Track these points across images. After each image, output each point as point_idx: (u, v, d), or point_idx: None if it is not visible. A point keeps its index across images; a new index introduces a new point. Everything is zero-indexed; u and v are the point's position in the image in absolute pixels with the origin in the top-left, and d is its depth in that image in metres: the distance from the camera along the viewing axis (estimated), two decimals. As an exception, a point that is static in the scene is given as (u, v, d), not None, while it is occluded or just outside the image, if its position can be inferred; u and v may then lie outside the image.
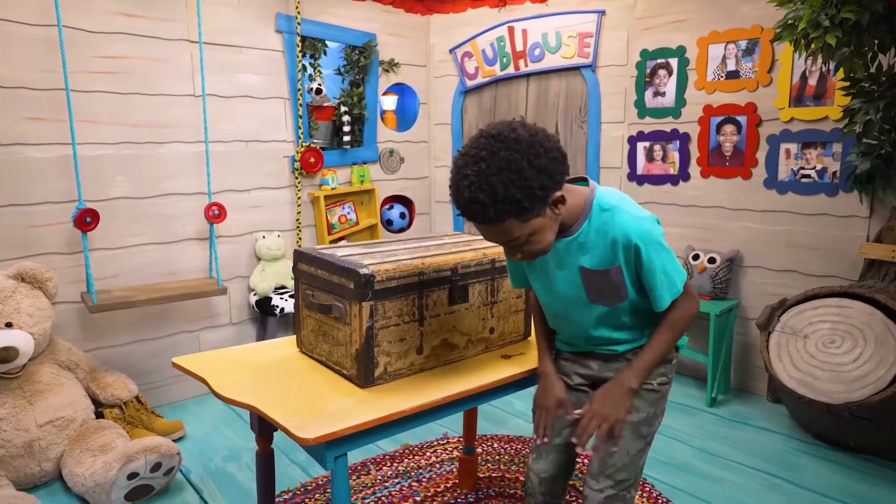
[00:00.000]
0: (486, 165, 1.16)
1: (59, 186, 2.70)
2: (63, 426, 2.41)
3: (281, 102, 3.39)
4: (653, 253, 1.32)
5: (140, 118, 2.90)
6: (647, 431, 1.46)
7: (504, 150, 1.16)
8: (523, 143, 1.17)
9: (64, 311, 2.76)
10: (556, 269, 1.43)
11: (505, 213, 1.17)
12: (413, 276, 1.55)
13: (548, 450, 1.53)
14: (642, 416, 1.45)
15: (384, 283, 1.49)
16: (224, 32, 3.13)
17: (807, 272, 3.00)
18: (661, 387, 1.48)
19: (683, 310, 1.40)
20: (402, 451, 2.64)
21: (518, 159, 1.15)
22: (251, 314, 3.40)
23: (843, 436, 2.57)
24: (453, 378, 1.57)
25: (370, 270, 1.46)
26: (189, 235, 3.11)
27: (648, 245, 1.31)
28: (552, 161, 1.19)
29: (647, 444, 1.47)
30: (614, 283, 1.38)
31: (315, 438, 1.24)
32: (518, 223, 1.20)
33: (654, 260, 1.32)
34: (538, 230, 1.25)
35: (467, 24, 3.95)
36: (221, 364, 1.66)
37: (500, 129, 1.20)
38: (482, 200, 1.16)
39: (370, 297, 1.47)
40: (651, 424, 1.47)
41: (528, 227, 1.22)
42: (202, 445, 2.71)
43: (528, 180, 1.16)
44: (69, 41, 2.61)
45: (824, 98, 2.88)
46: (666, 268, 1.34)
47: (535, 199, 1.18)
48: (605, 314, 1.43)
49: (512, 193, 1.15)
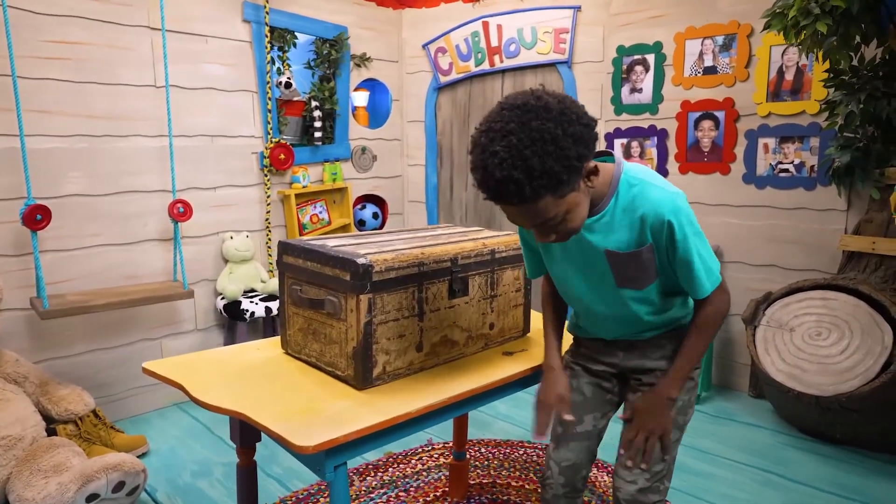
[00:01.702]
0: (517, 139, 1.04)
1: (3, 181, 2.46)
2: (9, 446, 2.17)
3: (248, 96, 3.22)
4: (688, 231, 1.21)
5: (96, 109, 2.69)
6: (683, 420, 1.40)
7: (535, 119, 1.05)
8: (553, 110, 1.06)
9: (10, 318, 2.52)
10: (579, 254, 1.32)
11: (542, 189, 1.06)
12: (413, 267, 1.43)
13: (569, 437, 1.44)
14: (678, 405, 1.38)
15: (383, 273, 1.36)
16: (187, 20, 2.94)
17: (787, 266, 3.01)
18: (694, 371, 1.40)
19: (718, 305, 1.30)
20: (386, 459, 2.50)
21: (552, 128, 1.04)
22: (218, 320, 3.20)
23: (829, 428, 2.57)
24: (456, 377, 1.46)
25: (368, 260, 1.34)
26: (151, 236, 2.89)
27: (682, 223, 1.20)
28: (585, 128, 1.09)
29: (682, 432, 1.40)
30: (645, 265, 1.26)
31: (315, 446, 1.11)
32: (554, 200, 1.10)
33: (690, 240, 1.21)
34: (574, 206, 1.15)
35: (441, 18, 3.86)
36: (198, 368, 1.50)
37: (524, 98, 1.09)
38: (517, 178, 1.04)
39: (368, 290, 1.34)
40: (686, 413, 1.40)
41: (565, 203, 1.12)
42: (168, 461, 2.50)
43: (565, 150, 1.05)
44: (16, 23, 2.40)
45: (801, 93, 2.90)
46: (701, 252, 1.23)
47: (572, 171, 1.08)
48: (633, 299, 1.33)
49: (550, 166, 1.05)
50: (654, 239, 1.24)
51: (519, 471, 2.41)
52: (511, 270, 1.71)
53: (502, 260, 1.67)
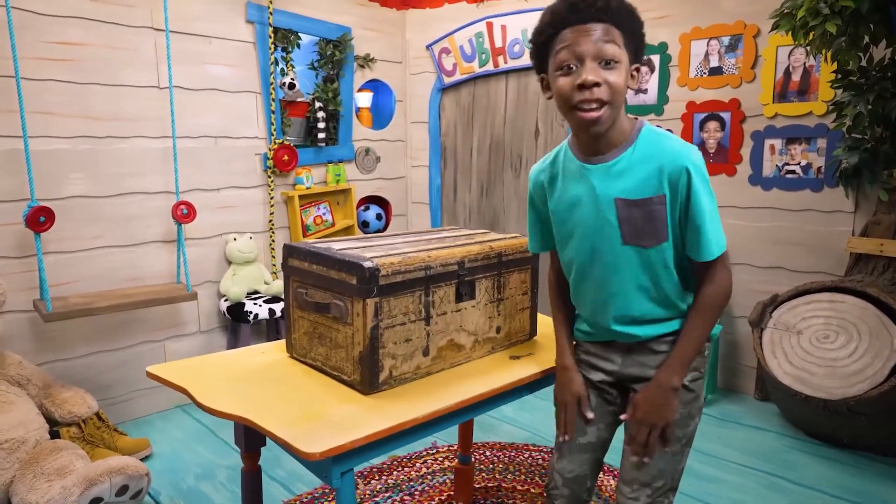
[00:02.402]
0: None
1: (6, 183, 2.45)
2: (13, 449, 2.16)
3: (252, 97, 3.21)
4: (703, 187, 1.17)
5: (99, 111, 2.68)
6: (682, 434, 1.34)
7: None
8: None
9: (14, 320, 2.51)
10: (589, 207, 1.27)
11: (621, 18, 1.17)
12: (420, 271, 1.41)
13: (573, 448, 1.41)
14: (675, 418, 1.33)
15: (390, 277, 1.35)
16: (190, 20, 2.93)
17: (793, 268, 2.99)
18: (694, 383, 1.33)
19: (719, 284, 1.23)
20: (391, 462, 2.49)
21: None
22: (221, 322, 3.19)
23: (836, 432, 2.55)
24: (463, 382, 1.44)
25: (374, 264, 1.32)
26: (154, 237, 2.88)
27: (700, 176, 1.17)
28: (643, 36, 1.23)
29: (683, 446, 1.35)
30: (655, 216, 1.20)
31: (322, 453, 1.09)
32: (621, 40, 1.17)
33: (703, 197, 1.17)
34: (622, 67, 1.17)
35: (444, 19, 3.85)
36: (203, 372, 1.48)
37: None
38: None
39: (375, 294, 1.32)
40: (686, 426, 1.34)
41: (621, 53, 1.17)
42: (172, 464, 2.49)
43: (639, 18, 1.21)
44: (19, 24, 2.39)
45: (808, 93, 2.88)
46: (714, 212, 1.20)
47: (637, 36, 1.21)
48: (637, 265, 1.26)
49: (633, 14, 1.20)
50: (670, 189, 1.19)
51: (524, 474, 2.39)
52: (518, 273, 1.69)
53: (509, 263, 1.65)
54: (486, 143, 3.89)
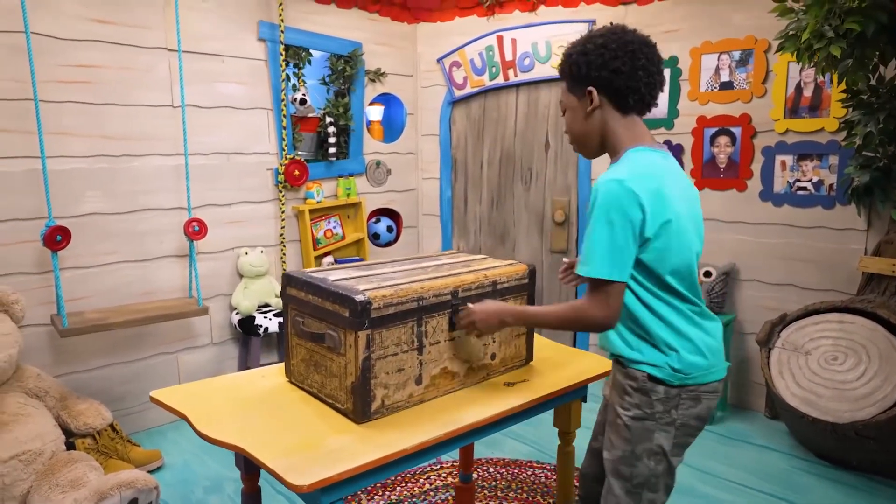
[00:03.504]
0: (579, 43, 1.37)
1: (26, 202, 2.54)
2: (30, 460, 2.23)
3: (264, 113, 3.27)
4: (600, 211, 1.25)
5: (114, 130, 2.75)
6: (629, 473, 1.34)
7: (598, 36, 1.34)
8: (609, 34, 1.32)
9: (33, 334, 2.60)
10: None
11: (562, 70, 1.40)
12: (412, 302, 1.44)
13: (591, 449, 1.59)
14: (617, 455, 1.36)
15: (381, 310, 1.38)
16: (203, 40, 3.00)
17: (804, 286, 2.95)
18: (634, 423, 1.32)
19: (584, 310, 1.29)
20: (395, 478, 2.51)
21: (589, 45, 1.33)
22: (233, 334, 3.26)
23: (845, 454, 2.51)
24: (455, 410, 1.47)
25: (366, 297, 1.35)
26: (167, 253, 2.96)
27: (599, 201, 1.25)
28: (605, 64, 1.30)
29: (634, 487, 1.33)
30: None
31: (310, 485, 1.13)
32: (564, 88, 1.41)
33: (597, 219, 1.25)
34: (569, 107, 1.40)
35: (455, 33, 3.87)
36: (204, 397, 1.53)
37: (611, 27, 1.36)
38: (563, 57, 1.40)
39: (367, 326, 1.35)
40: (632, 465, 1.33)
41: (566, 96, 1.40)
42: (182, 476, 2.56)
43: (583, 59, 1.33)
44: (37, 48, 2.47)
45: (820, 109, 2.84)
46: (592, 238, 1.25)
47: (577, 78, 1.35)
48: None
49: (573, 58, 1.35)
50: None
51: (526, 493, 2.40)
52: (514, 300, 1.71)
53: (504, 290, 1.67)
54: (497, 156, 3.90)
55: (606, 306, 1.26)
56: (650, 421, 1.32)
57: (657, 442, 1.32)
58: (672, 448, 1.33)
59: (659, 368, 1.31)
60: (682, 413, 1.32)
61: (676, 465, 1.37)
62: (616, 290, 1.26)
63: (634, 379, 1.33)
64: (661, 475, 1.34)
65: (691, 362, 1.31)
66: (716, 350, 1.36)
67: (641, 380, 1.32)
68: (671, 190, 1.29)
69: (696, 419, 1.34)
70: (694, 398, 1.32)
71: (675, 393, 1.31)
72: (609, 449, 1.38)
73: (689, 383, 1.31)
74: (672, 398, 1.31)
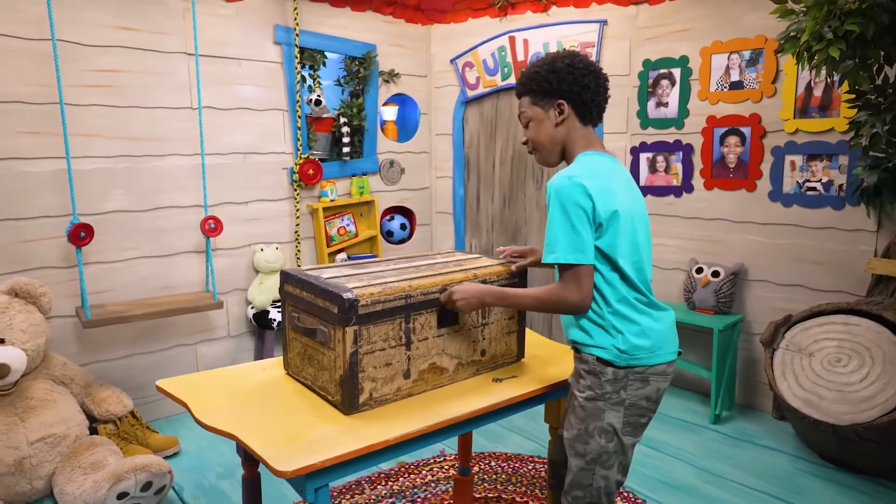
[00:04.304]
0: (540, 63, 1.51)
1: (54, 201, 2.69)
2: (55, 443, 2.38)
3: (279, 114, 3.38)
4: (553, 206, 1.38)
5: (137, 131, 2.89)
6: (584, 450, 1.46)
7: (558, 59, 1.48)
8: (571, 56, 1.47)
9: (60, 325, 2.75)
10: None
11: (524, 87, 1.52)
12: (399, 300, 1.51)
13: (557, 438, 1.68)
14: (573, 433, 1.48)
15: (369, 307, 1.45)
16: (222, 45, 3.11)
17: (813, 287, 2.93)
18: (587, 403, 1.45)
19: (557, 292, 1.41)
20: (398, 468, 2.60)
21: (556, 63, 1.47)
22: (249, 327, 3.38)
23: (850, 457, 2.50)
24: (441, 404, 1.53)
25: (354, 294, 1.43)
26: (186, 248, 3.09)
27: (552, 197, 1.38)
28: (575, 80, 1.44)
29: (588, 463, 1.46)
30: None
31: (293, 471, 1.21)
32: (529, 102, 1.51)
33: (555, 210, 1.38)
34: (536, 120, 1.51)
35: (468, 34, 3.92)
36: (206, 387, 1.63)
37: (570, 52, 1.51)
38: (521, 76, 1.54)
39: (354, 322, 1.43)
40: (586, 442, 1.45)
41: (532, 110, 1.51)
42: (196, 462, 2.68)
43: (551, 75, 1.46)
44: (64, 55, 2.61)
45: (830, 109, 2.81)
46: (561, 227, 1.37)
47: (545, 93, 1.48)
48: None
49: (537, 75, 1.48)
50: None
51: (526, 486, 2.46)
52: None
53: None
54: (509, 155, 3.94)
55: (579, 288, 1.39)
56: (601, 401, 1.44)
57: (607, 420, 1.43)
58: (623, 427, 1.44)
59: (606, 350, 1.42)
60: (630, 394, 1.43)
61: (631, 445, 1.47)
62: (585, 272, 1.38)
63: (586, 363, 1.46)
64: (614, 453, 1.45)
65: (635, 344, 1.41)
66: (662, 334, 1.46)
67: (592, 363, 1.44)
68: (617, 188, 1.43)
69: (646, 400, 1.45)
70: (642, 380, 1.43)
71: (623, 374, 1.42)
72: (567, 429, 1.51)
73: (634, 364, 1.42)
74: (620, 380, 1.42)
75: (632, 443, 1.47)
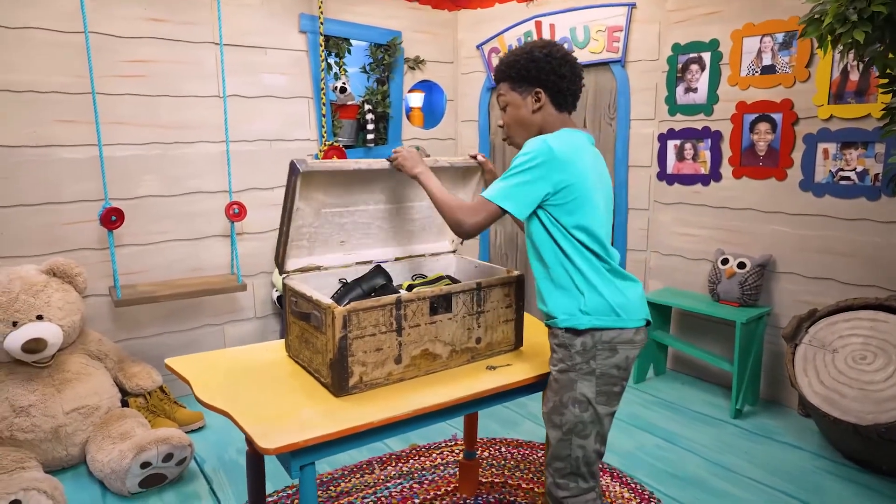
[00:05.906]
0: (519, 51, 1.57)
1: (89, 186, 2.83)
2: (88, 413, 2.54)
3: (305, 102, 3.44)
4: (517, 159, 1.46)
5: (167, 119, 3.01)
6: (560, 421, 1.52)
7: (535, 48, 1.54)
8: (549, 45, 1.54)
9: (95, 303, 2.91)
10: None
11: (502, 73, 1.58)
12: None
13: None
14: (549, 406, 1.55)
15: (358, 293, 1.49)
16: (248, 34, 3.19)
17: (843, 280, 2.81)
18: (561, 375, 1.51)
19: (461, 207, 1.50)
20: (409, 451, 2.66)
21: (535, 53, 1.53)
22: (275, 309, 3.49)
23: (873, 457, 2.41)
24: (430, 389, 1.56)
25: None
26: (214, 232, 3.21)
27: (524, 149, 1.47)
28: (553, 70, 1.51)
29: (564, 433, 1.51)
30: None
31: (276, 448, 1.27)
32: (507, 87, 1.58)
33: (514, 161, 1.46)
34: (514, 105, 1.58)
35: (495, 19, 3.88)
36: (211, 366, 1.71)
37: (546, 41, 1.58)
38: (500, 63, 1.60)
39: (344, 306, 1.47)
40: (561, 413, 1.51)
41: (511, 96, 1.57)
42: (220, 437, 2.81)
43: (530, 64, 1.52)
44: (97, 46, 2.73)
45: (867, 95, 2.67)
46: (506, 175, 1.46)
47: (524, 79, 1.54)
48: (529, 235, 1.56)
49: (516, 63, 1.54)
50: None
51: (532, 473, 2.48)
52: (501, 287, 1.78)
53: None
54: (534, 142, 3.91)
55: (475, 216, 1.48)
56: (572, 372, 1.50)
57: (580, 391, 1.49)
58: (596, 396, 1.49)
59: (571, 316, 1.48)
60: (600, 363, 1.48)
61: (607, 414, 1.52)
62: (493, 212, 1.47)
63: (556, 337, 1.53)
64: (590, 423, 1.50)
65: (596, 304, 1.47)
66: (627, 300, 1.51)
67: (561, 336, 1.51)
68: (585, 161, 1.49)
69: (616, 368, 1.50)
70: (610, 349, 1.48)
71: (591, 345, 1.48)
72: (545, 403, 1.59)
73: (598, 326, 1.47)
74: (589, 350, 1.48)
75: (607, 412, 1.52)
